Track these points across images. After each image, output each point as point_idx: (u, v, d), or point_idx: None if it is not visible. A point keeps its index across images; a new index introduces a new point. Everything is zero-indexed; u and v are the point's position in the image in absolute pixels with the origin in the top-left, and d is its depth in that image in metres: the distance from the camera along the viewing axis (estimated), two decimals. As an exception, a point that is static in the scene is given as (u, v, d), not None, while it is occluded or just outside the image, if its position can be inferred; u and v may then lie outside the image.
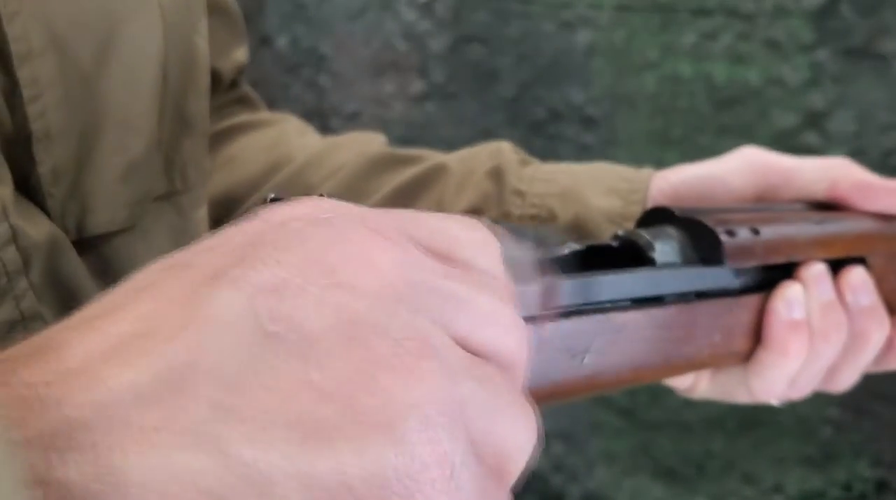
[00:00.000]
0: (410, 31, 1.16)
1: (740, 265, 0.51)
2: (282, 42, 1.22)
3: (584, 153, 1.09)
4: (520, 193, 0.62)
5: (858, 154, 1.01)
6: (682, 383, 0.57)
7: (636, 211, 0.59)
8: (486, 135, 1.00)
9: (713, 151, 0.61)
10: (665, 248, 0.50)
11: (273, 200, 0.37)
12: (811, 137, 1.05)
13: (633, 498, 1.19)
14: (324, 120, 1.21)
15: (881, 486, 1.12)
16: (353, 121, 1.21)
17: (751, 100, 1.05)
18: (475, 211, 0.62)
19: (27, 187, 0.46)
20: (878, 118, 1.03)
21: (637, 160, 0.66)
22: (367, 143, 0.70)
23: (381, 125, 1.19)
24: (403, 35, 1.17)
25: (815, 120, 1.04)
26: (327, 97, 1.22)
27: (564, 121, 1.12)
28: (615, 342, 0.45)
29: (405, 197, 0.65)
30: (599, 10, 1.08)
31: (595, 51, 1.09)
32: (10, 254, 0.44)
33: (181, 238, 0.55)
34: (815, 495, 1.14)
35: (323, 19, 1.21)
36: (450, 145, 0.69)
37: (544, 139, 1.12)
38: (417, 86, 1.18)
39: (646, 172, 0.61)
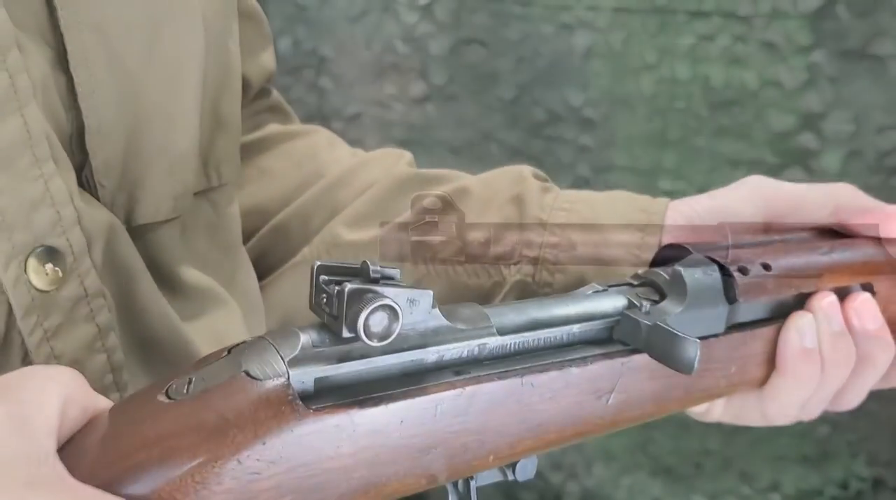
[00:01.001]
0: (411, 33, 1.17)
1: (754, 301, 0.53)
2: (283, 44, 1.23)
3: (582, 154, 1.10)
4: (540, 222, 0.64)
5: (855, 155, 1.02)
6: (697, 409, 0.59)
7: (653, 242, 0.61)
8: (486, 136, 1.02)
9: (710, 152, 0.62)
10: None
11: (320, 267, 0.40)
12: (808, 139, 1.05)
13: (631, 496, 1.19)
14: (325, 122, 1.21)
15: (878, 484, 1.13)
16: (353, 123, 1.22)
17: (748, 101, 1.06)
18: (496, 237, 0.64)
19: (80, 178, 0.50)
20: (874, 119, 1.03)
21: (635, 161, 0.67)
22: (394, 160, 0.72)
23: (382, 127, 1.20)
24: (404, 37, 1.17)
25: (811, 121, 1.05)
26: (328, 99, 1.22)
27: (563, 122, 1.13)
28: (637, 382, 0.48)
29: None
30: (597, 12, 1.09)
31: (593, 53, 1.10)
32: (76, 235, 0.48)
33: (216, 232, 0.59)
34: (811, 493, 1.15)
35: (324, 21, 1.22)
36: (450, 146, 0.69)
37: (543, 141, 1.12)
38: (418, 88, 1.18)
39: (661, 202, 0.63)
